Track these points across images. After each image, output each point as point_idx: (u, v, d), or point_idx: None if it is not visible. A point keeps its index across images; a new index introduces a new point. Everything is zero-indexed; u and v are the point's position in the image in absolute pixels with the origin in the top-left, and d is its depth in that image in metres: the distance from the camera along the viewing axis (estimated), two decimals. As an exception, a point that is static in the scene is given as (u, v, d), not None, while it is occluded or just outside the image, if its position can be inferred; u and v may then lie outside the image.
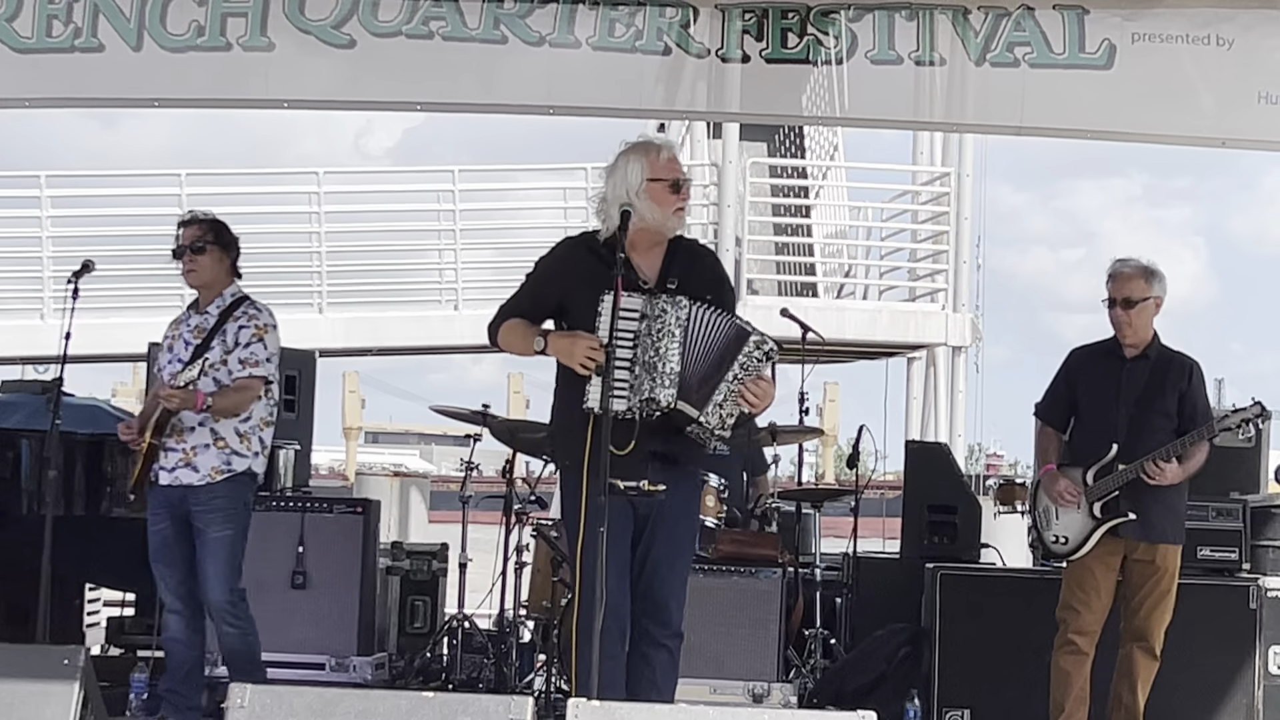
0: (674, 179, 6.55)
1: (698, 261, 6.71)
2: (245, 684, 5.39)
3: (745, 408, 6.48)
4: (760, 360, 6.45)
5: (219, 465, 7.94)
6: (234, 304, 8.11)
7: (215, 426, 7.94)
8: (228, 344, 8.00)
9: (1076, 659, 8.09)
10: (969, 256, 21.11)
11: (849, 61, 8.62)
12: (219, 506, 7.93)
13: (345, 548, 9.16)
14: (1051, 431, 8.38)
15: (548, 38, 8.61)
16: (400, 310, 21.67)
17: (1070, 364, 8.41)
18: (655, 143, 6.66)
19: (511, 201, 22.94)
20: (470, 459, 10.33)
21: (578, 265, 6.55)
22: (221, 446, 7.96)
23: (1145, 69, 8.61)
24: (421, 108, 9.12)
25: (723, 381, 6.39)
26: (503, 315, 6.68)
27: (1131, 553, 8.09)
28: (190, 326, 8.12)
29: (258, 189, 22.59)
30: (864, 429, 10.42)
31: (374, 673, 9.12)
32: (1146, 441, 8.02)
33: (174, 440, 7.94)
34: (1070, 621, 8.12)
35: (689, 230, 7.28)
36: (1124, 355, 8.20)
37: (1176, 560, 8.14)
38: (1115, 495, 8.04)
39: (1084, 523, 8.10)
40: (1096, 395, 8.22)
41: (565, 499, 6.60)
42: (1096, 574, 8.10)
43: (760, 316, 12.26)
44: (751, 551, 9.04)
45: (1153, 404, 8.10)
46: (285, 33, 8.60)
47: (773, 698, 8.67)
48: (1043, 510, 8.26)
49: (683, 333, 6.35)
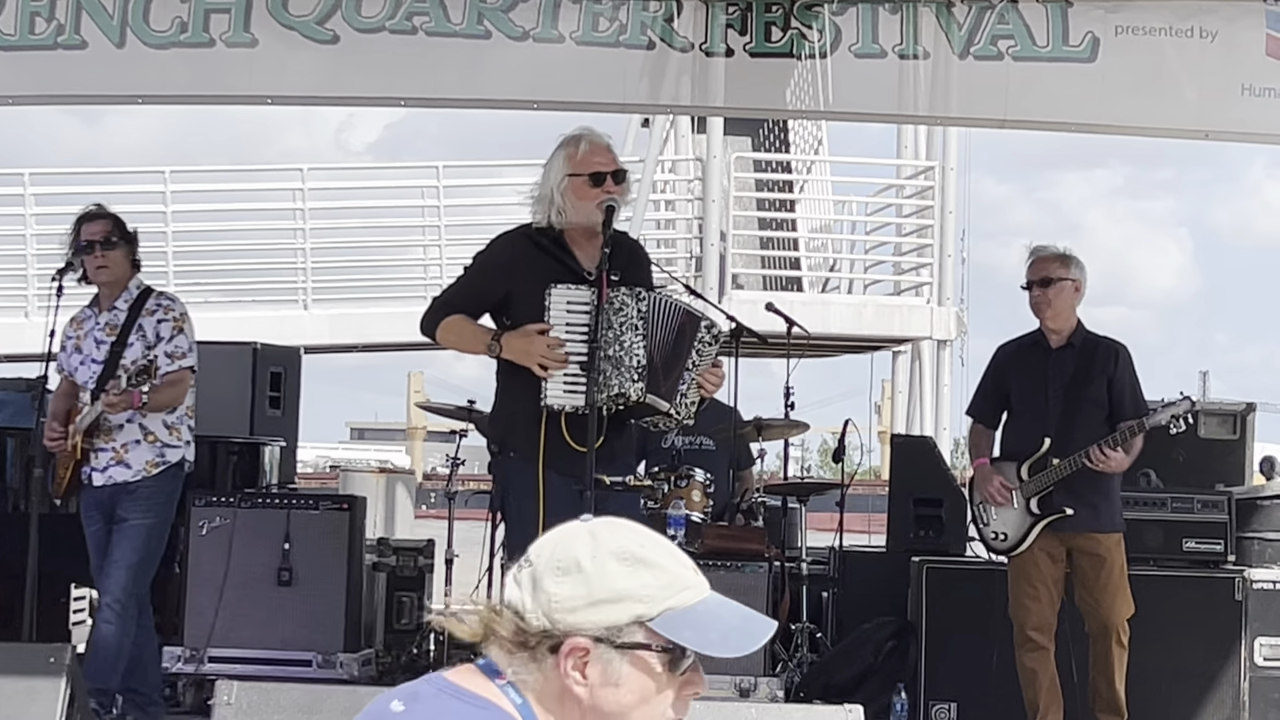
0: (593, 172, 6.47)
1: (634, 255, 6.70)
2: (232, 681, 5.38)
3: (704, 395, 6.52)
4: (711, 344, 6.47)
5: (152, 459, 8.00)
6: (141, 296, 8.12)
7: (143, 422, 7.97)
8: (148, 339, 8.02)
9: (1038, 654, 8.10)
10: (953, 250, 21.12)
11: (833, 55, 8.63)
12: (146, 496, 7.97)
13: (331, 544, 9.15)
14: (982, 428, 8.43)
15: (531, 32, 8.60)
16: (385, 306, 21.64)
17: (998, 360, 8.44)
18: (578, 135, 6.58)
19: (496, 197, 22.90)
20: (456, 454, 10.33)
21: (524, 257, 6.51)
22: (152, 440, 8.01)
23: (1128, 61, 8.63)
24: (405, 103, 9.12)
25: (685, 370, 6.41)
26: (441, 310, 6.60)
27: (1073, 544, 8.10)
28: (100, 325, 8.07)
29: (242, 186, 22.56)
30: (849, 423, 10.42)
31: (360, 669, 9.11)
32: (1079, 432, 8.02)
33: (102, 440, 7.95)
34: (1024, 619, 8.13)
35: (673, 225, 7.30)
36: (1049, 345, 8.21)
37: (1120, 547, 8.14)
38: (1050, 490, 8.06)
39: (1022, 519, 8.12)
40: (1026, 388, 8.24)
41: (510, 490, 6.52)
42: (1041, 567, 8.11)
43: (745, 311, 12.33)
44: (738, 546, 9.03)
45: (1082, 392, 8.11)
46: (268, 28, 8.59)
47: (760, 692, 8.67)
48: (979, 506, 8.29)
49: (645, 325, 6.33)
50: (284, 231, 21.75)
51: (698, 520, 9.01)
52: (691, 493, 9.09)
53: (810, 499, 10.62)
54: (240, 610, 8.94)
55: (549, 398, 6.29)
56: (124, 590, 7.89)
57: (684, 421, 6.52)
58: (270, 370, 10.69)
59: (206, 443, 9.47)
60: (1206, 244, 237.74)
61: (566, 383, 6.30)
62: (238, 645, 8.92)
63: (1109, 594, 8.06)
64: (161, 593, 8.86)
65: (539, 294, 6.35)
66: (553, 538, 2.87)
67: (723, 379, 6.59)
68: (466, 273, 6.67)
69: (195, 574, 9.01)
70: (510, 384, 6.50)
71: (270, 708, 5.28)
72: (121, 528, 7.93)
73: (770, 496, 10.04)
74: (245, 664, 8.76)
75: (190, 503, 9.01)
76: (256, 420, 10.42)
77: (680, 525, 8.92)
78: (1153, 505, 9.06)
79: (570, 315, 6.31)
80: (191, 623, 8.95)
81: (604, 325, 6.26)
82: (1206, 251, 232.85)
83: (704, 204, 20.71)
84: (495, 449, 6.65)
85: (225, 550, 8.98)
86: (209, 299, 21.15)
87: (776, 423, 10.21)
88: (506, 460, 6.51)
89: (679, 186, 21.52)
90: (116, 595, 7.89)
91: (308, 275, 21.48)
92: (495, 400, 6.68)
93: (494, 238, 6.71)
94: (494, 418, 6.75)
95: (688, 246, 21.05)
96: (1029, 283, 8.18)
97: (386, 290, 22.32)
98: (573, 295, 6.32)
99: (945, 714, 8.89)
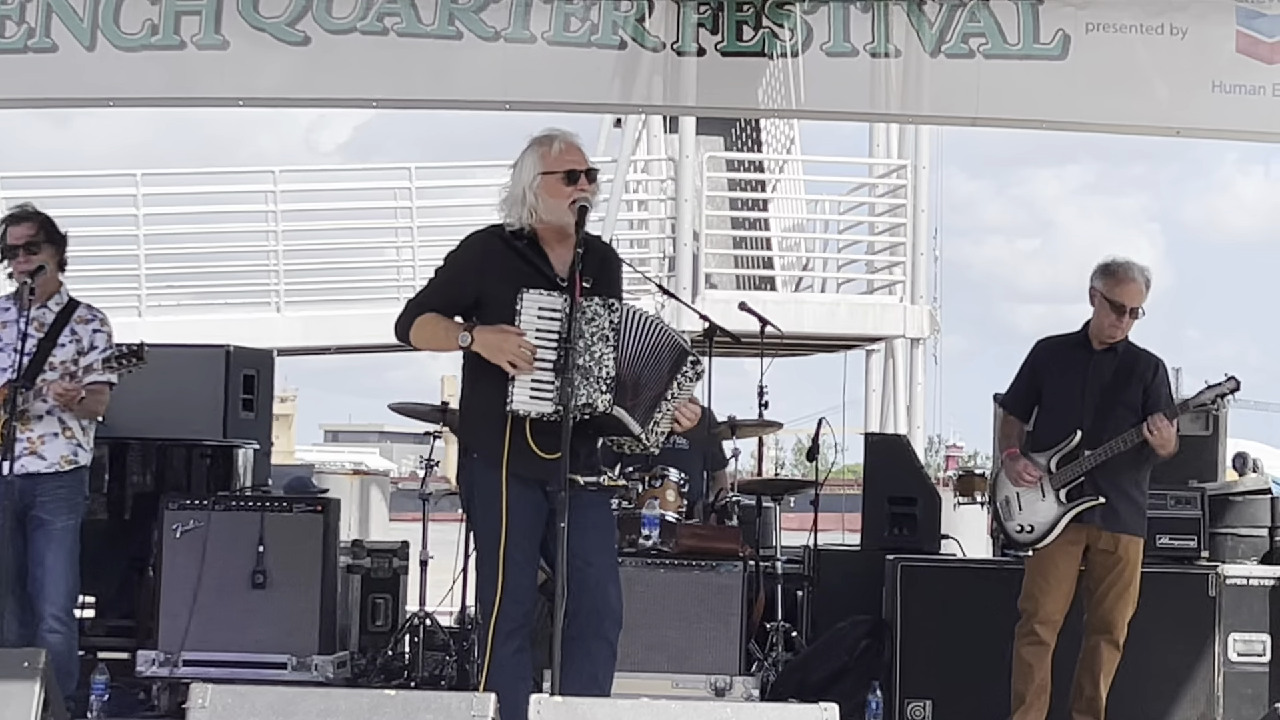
0: (568, 170, 6.44)
1: (607, 261, 6.63)
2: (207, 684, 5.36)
3: (676, 428, 6.50)
4: (692, 380, 6.45)
5: (68, 454, 7.97)
6: (71, 304, 8.10)
7: (63, 416, 7.94)
8: (82, 344, 8.01)
9: (1038, 649, 8.12)
10: (926, 248, 21.15)
11: (804, 54, 8.65)
12: (64, 496, 7.94)
13: (305, 547, 9.13)
14: (1014, 420, 8.42)
15: (503, 33, 8.61)
16: (358, 308, 21.58)
17: (1037, 354, 8.44)
18: (551, 135, 6.53)
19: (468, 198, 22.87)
20: (430, 456, 10.31)
21: (496, 258, 6.46)
22: (69, 437, 7.98)
23: (1099, 59, 8.66)
24: (377, 104, 9.11)
25: (663, 400, 6.39)
26: (414, 311, 6.54)
27: (1095, 542, 8.12)
28: (27, 318, 7.87)
29: (214, 188, 22.49)
30: (823, 422, 10.43)
31: (335, 671, 9.09)
32: (1110, 431, 8.06)
33: (19, 430, 7.81)
34: (1033, 611, 8.14)
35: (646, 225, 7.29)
36: (1092, 348, 8.23)
37: (1139, 552, 8.17)
38: (1080, 481, 8.08)
39: (1050, 510, 8.12)
40: (1062, 384, 8.25)
41: (474, 493, 6.47)
42: (1059, 563, 8.13)
43: (719, 310, 12.36)
44: (712, 545, 9.03)
45: (1118, 395, 8.14)
46: (239, 30, 8.58)
47: (735, 691, 8.67)
48: (1004, 500, 8.28)
49: (616, 336, 6.28)
50: (256, 234, 21.67)
51: (672, 520, 9.00)
52: (666, 492, 9.09)
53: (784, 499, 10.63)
54: (214, 613, 8.91)
55: (515, 403, 6.25)
56: (66, 598, 7.91)
57: (650, 449, 6.50)
58: (243, 373, 10.67)
59: (180, 445, 9.47)
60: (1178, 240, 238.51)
61: (533, 388, 6.25)
62: (212, 648, 8.89)
63: (1115, 593, 8.09)
64: (135, 596, 8.84)
65: (510, 297, 6.30)
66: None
67: (698, 415, 6.57)
68: (438, 273, 6.63)
69: (169, 577, 8.98)
70: (476, 385, 6.45)
71: (245, 710, 5.26)
72: (49, 531, 7.87)
73: (744, 496, 10.04)
74: (220, 667, 8.74)
75: (164, 505, 8.99)
76: (230, 423, 10.40)
77: (654, 525, 8.93)
78: (1126, 502, 9.07)
79: (541, 321, 6.27)
80: (165, 626, 8.92)
81: (574, 334, 6.23)
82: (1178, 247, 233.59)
83: (677, 204, 20.71)
84: (461, 451, 6.63)
85: (199, 553, 8.96)
86: (181, 302, 21.10)
87: (750, 422, 10.21)
88: (471, 462, 6.49)
89: (652, 186, 21.51)
90: (61, 604, 7.89)
91: (280, 277, 21.41)
92: (461, 401, 6.65)
93: (466, 236, 6.66)
94: (460, 419, 6.73)
95: (661, 246, 21.06)
96: (1114, 302, 8.12)
97: (359, 292, 22.26)
98: (544, 301, 6.29)
99: (920, 712, 8.91)
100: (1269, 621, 9.04)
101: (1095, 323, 8.23)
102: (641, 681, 8.32)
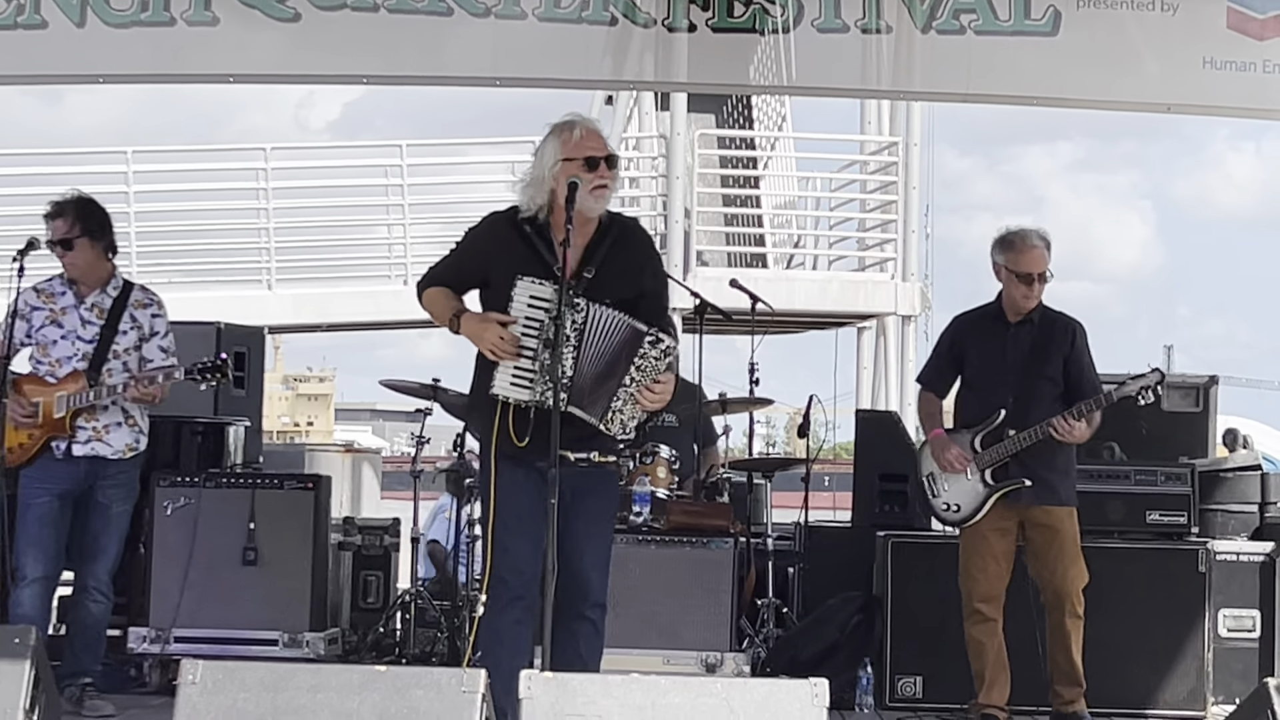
0: (588, 156, 6.45)
1: (626, 246, 6.61)
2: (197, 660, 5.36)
3: (644, 410, 6.51)
4: (657, 359, 6.43)
5: (131, 443, 8.20)
6: (127, 287, 8.28)
7: (126, 406, 8.15)
8: (144, 330, 8.21)
9: (986, 626, 8.15)
10: (917, 225, 21.13)
11: (795, 30, 8.64)
12: (124, 483, 8.23)
13: (296, 523, 9.13)
14: (932, 396, 8.45)
15: (493, 9, 8.60)
16: (349, 286, 21.59)
17: (955, 329, 8.46)
18: (572, 121, 6.55)
19: (459, 176, 22.88)
20: (421, 433, 10.30)
21: (505, 242, 6.50)
22: (132, 425, 8.21)
23: (1090, 35, 8.65)
24: (367, 80, 9.11)
25: (619, 387, 6.41)
26: (430, 280, 6.67)
27: (1026, 518, 8.14)
28: (86, 305, 8.10)
29: (205, 166, 22.45)
30: (814, 399, 10.42)
31: (327, 648, 9.10)
32: (1034, 406, 8.07)
33: (83, 419, 8.06)
34: (972, 590, 8.17)
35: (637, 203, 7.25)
36: (1008, 320, 8.23)
37: (1073, 520, 8.18)
38: (1006, 462, 8.08)
39: (976, 489, 8.15)
40: (983, 361, 8.26)
41: (481, 470, 6.62)
42: (991, 540, 8.15)
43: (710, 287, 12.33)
44: (703, 522, 9.04)
45: (1038, 369, 8.15)
46: (229, 7, 8.57)
47: (726, 667, 8.68)
48: (929, 475, 8.31)
49: (578, 337, 6.33)
50: (247, 211, 21.66)
51: (663, 497, 9.01)
52: (656, 469, 9.09)
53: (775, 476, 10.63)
54: (206, 590, 8.92)
55: (496, 387, 6.36)
56: (109, 573, 8.21)
57: (619, 436, 6.52)
58: (234, 350, 10.65)
59: (171, 423, 9.44)
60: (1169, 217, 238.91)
61: (514, 375, 6.34)
62: (203, 625, 8.90)
63: (1063, 564, 8.10)
64: (126, 573, 8.83)
65: (509, 283, 6.38)
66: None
67: (664, 396, 6.53)
68: (456, 247, 6.69)
69: (160, 554, 8.99)
70: (479, 367, 6.54)
71: (236, 687, 5.27)
72: (106, 513, 8.14)
73: (735, 473, 10.05)
74: (211, 644, 8.75)
75: (155, 483, 8.99)
76: (221, 400, 10.38)
77: (645, 502, 8.93)
78: (1116, 478, 9.09)
79: (530, 310, 6.33)
80: (157, 603, 8.93)
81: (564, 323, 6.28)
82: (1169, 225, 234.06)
83: (668, 181, 20.68)
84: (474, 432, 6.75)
85: (190, 530, 8.97)
86: (172, 279, 21.04)
87: (740, 400, 10.21)
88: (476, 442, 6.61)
89: (643, 164, 21.48)
90: (103, 579, 8.20)
91: (271, 255, 21.41)
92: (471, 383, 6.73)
93: (485, 216, 6.71)
94: (469, 398, 6.82)
95: (652, 224, 20.98)
96: (1019, 273, 8.14)
97: (350, 270, 22.27)
98: (535, 290, 6.33)
99: (910, 687, 8.92)
100: (1258, 597, 9.07)
101: (1006, 296, 8.23)
102: (632, 658, 8.34)
